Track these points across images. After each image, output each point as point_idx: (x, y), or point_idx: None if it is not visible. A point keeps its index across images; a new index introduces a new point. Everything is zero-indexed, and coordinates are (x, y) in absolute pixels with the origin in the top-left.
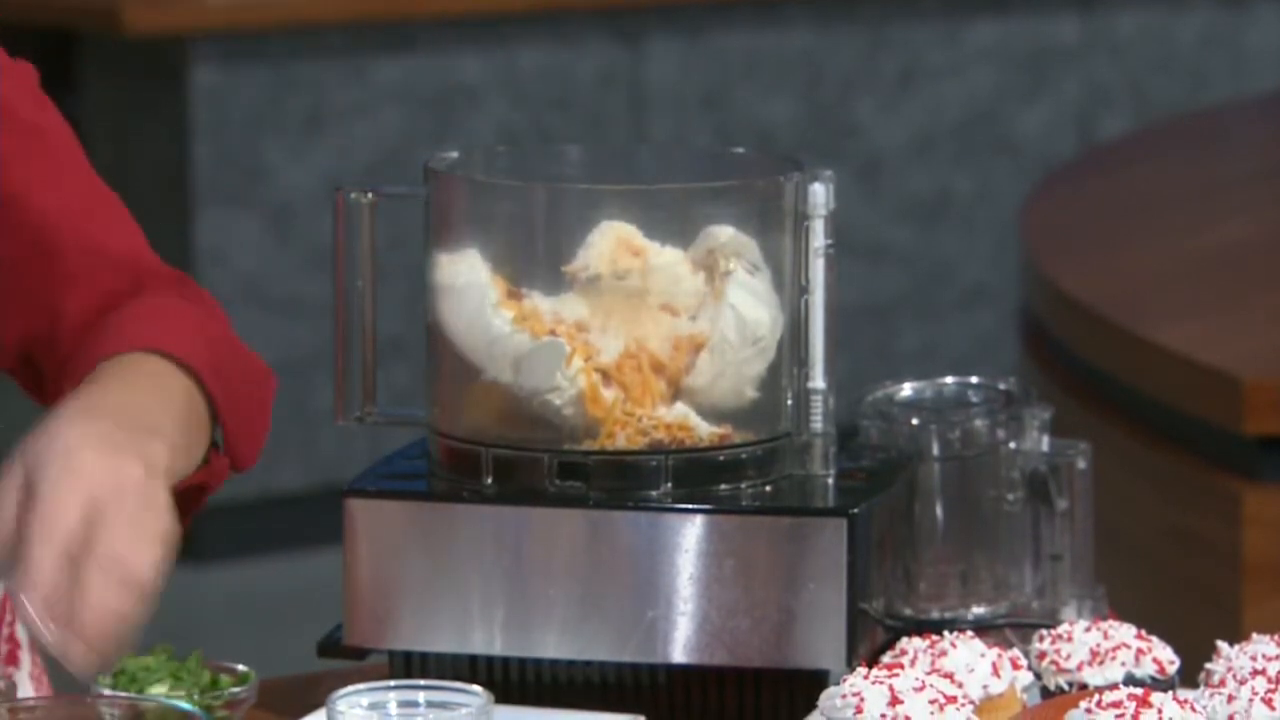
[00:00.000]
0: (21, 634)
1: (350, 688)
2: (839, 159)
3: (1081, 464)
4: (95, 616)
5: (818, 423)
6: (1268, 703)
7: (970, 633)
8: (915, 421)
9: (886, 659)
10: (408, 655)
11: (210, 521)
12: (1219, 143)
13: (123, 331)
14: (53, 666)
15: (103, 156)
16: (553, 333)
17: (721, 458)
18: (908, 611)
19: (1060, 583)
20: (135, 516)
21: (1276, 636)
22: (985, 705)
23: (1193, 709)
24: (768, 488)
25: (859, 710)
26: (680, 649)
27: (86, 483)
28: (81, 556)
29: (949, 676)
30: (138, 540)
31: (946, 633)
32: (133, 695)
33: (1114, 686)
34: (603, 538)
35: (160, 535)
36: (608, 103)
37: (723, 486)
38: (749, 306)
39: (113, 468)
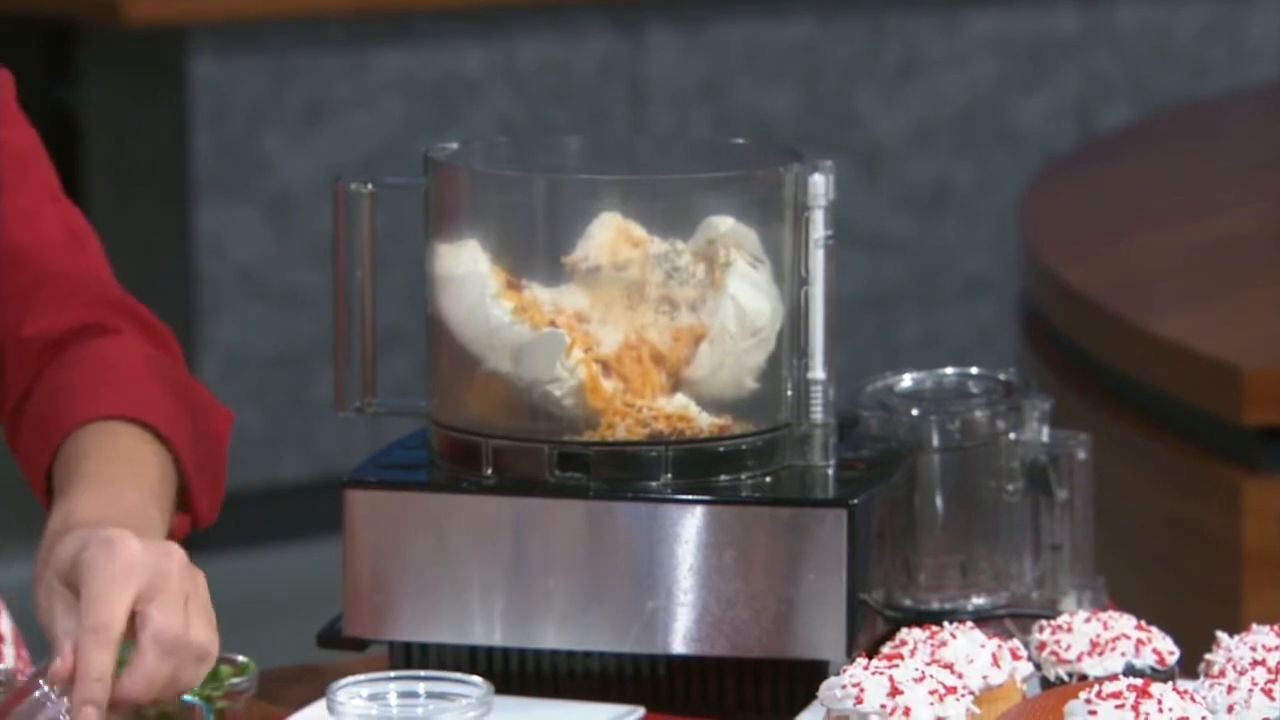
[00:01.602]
0: (5, 628)
1: (350, 678)
2: (839, 149)
3: (1081, 454)
4: (155, 692)
5: (818, 413)
6: (1267, 693)
7: (970, 623)
8: (915, 412)
9: (886, 649)
10: (407, 646)
11: None
12: (1218, 133)
13: (98, 393)
14: (37, 660)
15: (102, 147)
16: (553, 323)
17: (721, 448)
18: (907, 602)
19: (1060, 573)
20: (183, 598)
21: (1276, 627)
22: (985, 696)
23: (1192, 699)
24: (768, 478)
25: (859, 701)
26: (680, 639)
27: (136, 574)
28: (143, 641)
29: (949, 667)
30: (194, 620)
31: (946, 623)
32: None
33: (1114, 677)
34: (603, 528)
35: (209, 608)
36: (608, 94)
37: (723, 477)
38: (749, 297)
39: (158, 553)
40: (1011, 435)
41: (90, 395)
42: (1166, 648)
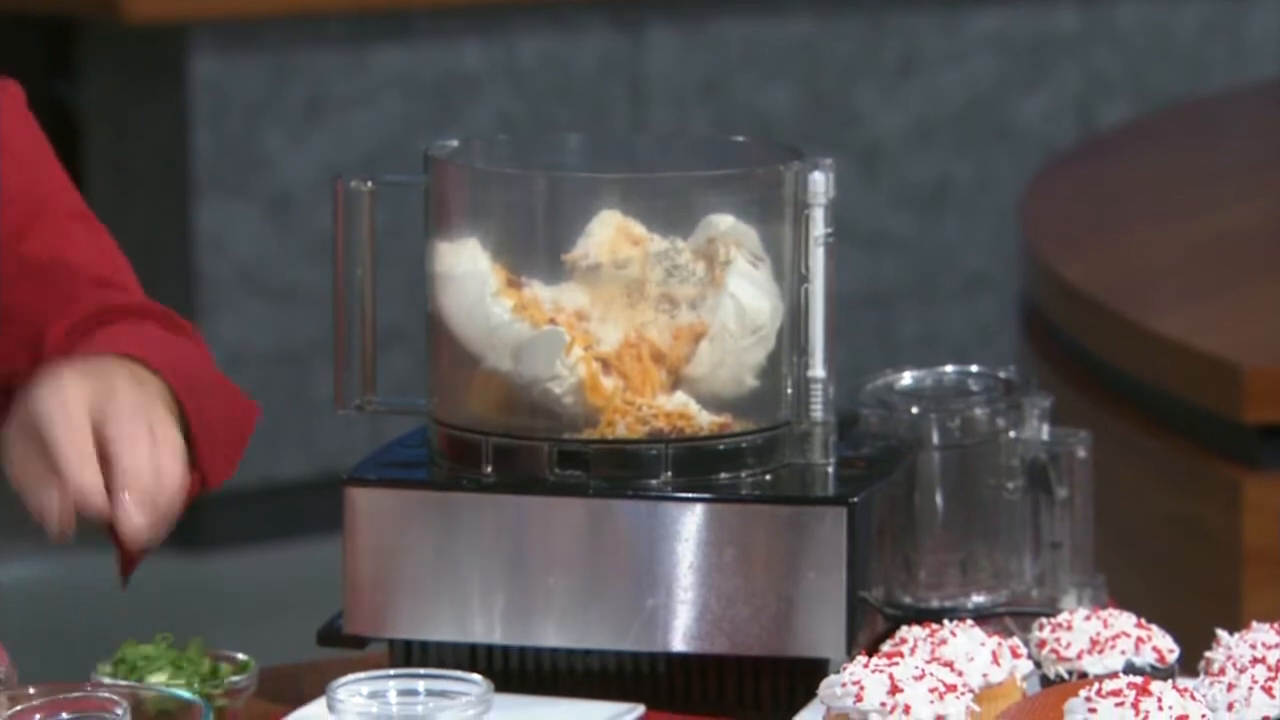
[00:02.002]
0: None
1: (350, 676)
2: (839, 147)
3: (1081, 452)
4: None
5: (818, 411)
6: (1267, 690)
7: (970, 621)
8: (915, 410)
9: (886, 647)
10: (407, 644)
11: (210, 510)
12: (1219, 131)
13: (100, 340)
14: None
15: (103, 145)
16: (552, 321)
17: (721, 446)
18: (907, 600)
19: (1060, 571)
20: (137, 412)
21: (1276, 624)
22: (985, 694)
23: (1192, 697)
24: (768, 476)
25: (859, 699)
26: (680, 637)
27: (83, 394)
28: (114, 489)
29: (949, 665)
30: (153, 449)
31: (946, 621)
32: (133, 683)
33: (1114, 675)
34: (603, 526)
35: (167, 427)
36: (608, 91)
37: (723, 475)
38: (749, 295)
39: (101, 377)
40: (1011, 433)
41: (93, 343)
42: (1166, 645)
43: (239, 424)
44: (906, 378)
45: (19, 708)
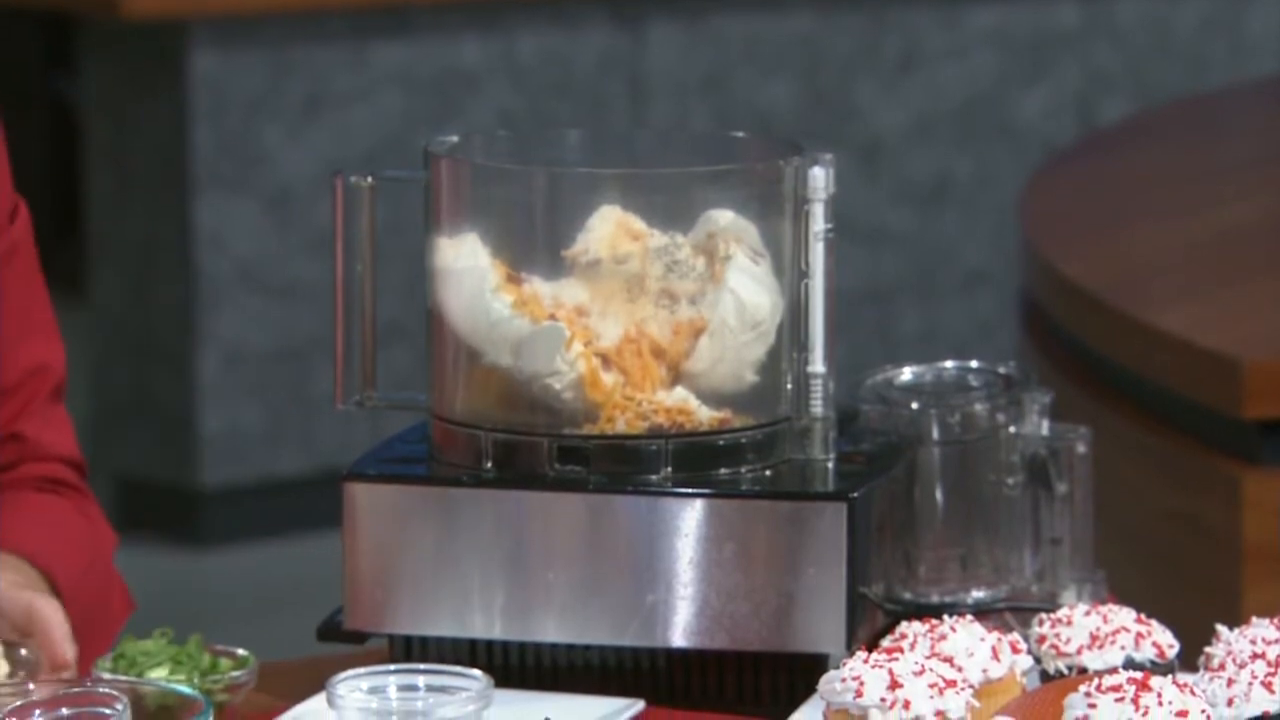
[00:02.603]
0: None
1: (350, 672)
2: (839, 143)
3: (1081, 448)
4: None
5: (817, 407)
6: (1267, 686)
7: (970, 617)
8: (915, 405)
9: (886, 643)
10: (407, 639)
11: (210, 507)
12: (1218, 127)
13: (5, 522)
14: None
15: (102, 141)
16: (552, 317)
17: (721, 442)
18: (907, 595)
19: (1060, 567)
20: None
21: (1276, 620)
22: (985, 689)
23: (1192, 692)
24: (767, 472)
25: (859, 694)
26: (680, 633)
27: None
28: None
29: (949, 660)
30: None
31: (946, 617)
32: (133, 679)
33: (1113, 670)
34: (602, 522)
35: None
36: (608, 87)
37: (722, 471)
38: (749, 291)
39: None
40: (1011, 429)
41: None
42: (1166, 641)
43: (112, 621)
44: (906, 373)
45: (19, 703)
